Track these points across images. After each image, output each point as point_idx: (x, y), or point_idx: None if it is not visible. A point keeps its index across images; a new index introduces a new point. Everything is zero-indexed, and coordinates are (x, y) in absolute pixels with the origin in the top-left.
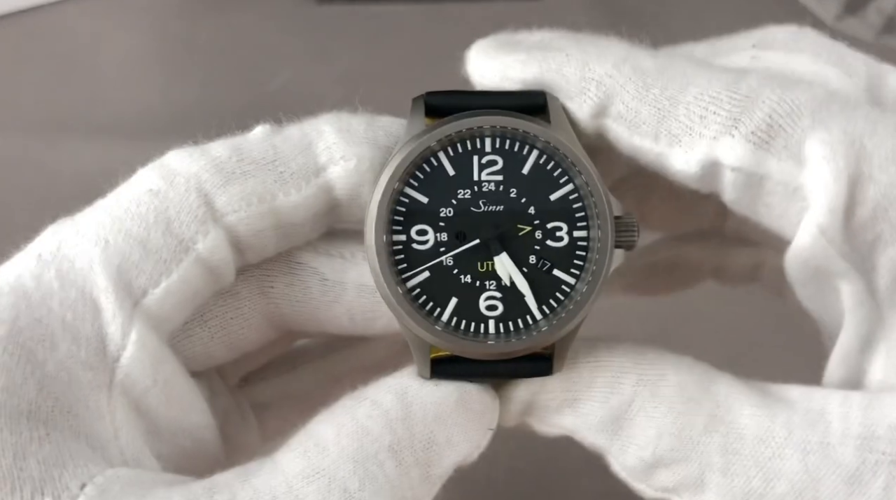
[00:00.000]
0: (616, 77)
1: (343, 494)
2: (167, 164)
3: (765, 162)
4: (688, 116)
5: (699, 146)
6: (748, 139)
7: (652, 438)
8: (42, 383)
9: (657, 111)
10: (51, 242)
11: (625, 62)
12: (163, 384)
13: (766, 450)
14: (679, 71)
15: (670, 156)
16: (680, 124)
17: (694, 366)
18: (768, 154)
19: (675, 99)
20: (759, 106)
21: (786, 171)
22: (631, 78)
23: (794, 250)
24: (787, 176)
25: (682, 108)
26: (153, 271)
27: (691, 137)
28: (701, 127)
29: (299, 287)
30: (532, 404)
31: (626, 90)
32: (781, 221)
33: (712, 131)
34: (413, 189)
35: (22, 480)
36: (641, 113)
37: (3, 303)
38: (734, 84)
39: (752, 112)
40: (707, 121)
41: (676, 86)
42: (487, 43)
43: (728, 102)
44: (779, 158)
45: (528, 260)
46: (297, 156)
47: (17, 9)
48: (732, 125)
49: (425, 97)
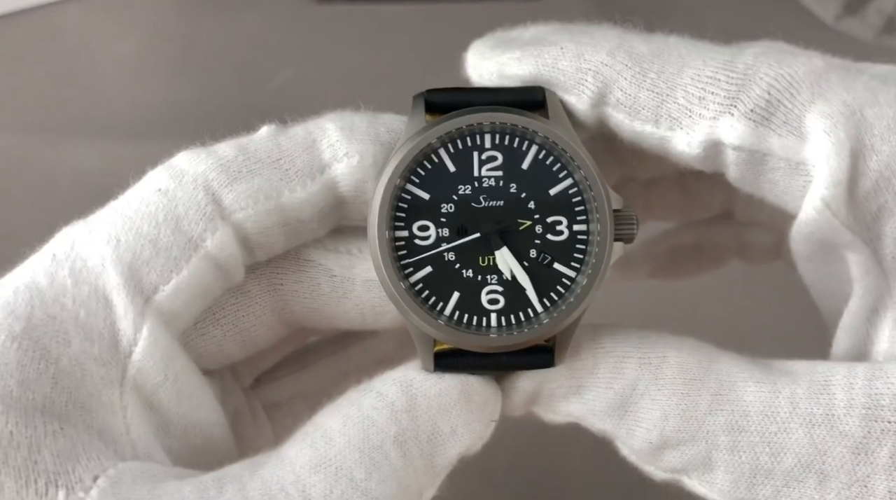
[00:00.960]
0: (612, 65)
1: (350, 483)
2: (176, 164)
3: (766, 139)
4: (686, 98)
5: (699, 128)
6: (747, 117)
7: (657, 420)
8: (56, 379)
9: (655, 95)
10: (64, 243)
11: (619, 49)
12: (173, 380)
13: (772, 425)
14: (674, 53)
15: (672, 139)
16: (679, 107)
17: (696, 347)
18: (769, 130)
19: (672, 82)
20: (757, 83)
21: (787, 146)
22: (627, 64)
23: (800, 225)
24: (789, 151)
25: (680, 90)
26: (163, 267)
27: (691, 119)
28: (700, 108)
29: (308, 284)
30: (537, 393)
31: (622, 77)
32: (786, 196)
33: (711, 112)
34: (414, 186)
35: (37, 472)
36: (640, 98)
37: (19, 301)
38: (730, 62)
39: (749, 90)
40: (706, 101)
41: (673, 68)
42: (483, 43)
43: (725, 81)
44: (779, 134)
45: (529, 254)
46: (302, 154)
47: (17, 9)
48: (731, 104)
49: (425, 95)
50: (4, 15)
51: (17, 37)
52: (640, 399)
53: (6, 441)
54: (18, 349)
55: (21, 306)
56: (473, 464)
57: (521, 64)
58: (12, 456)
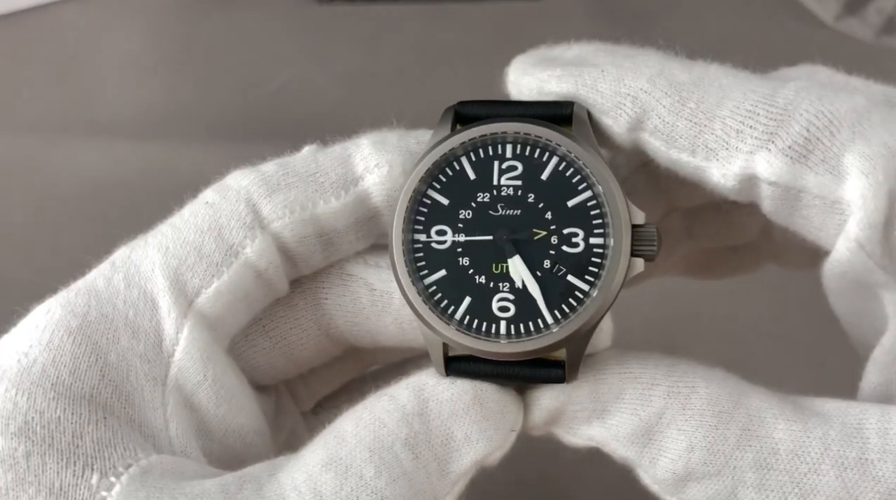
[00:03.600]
0: (651, 92)
1: (359, 481)
2: (224, 181)
3: (802, 176)
4: (724, 131)
5: (736, 161)
6: (785, 153)
7: (683, 451)
8: (104, 372)
9: (693, 125)
10: (124, 252)
11: (660, 76)
12: (212, 381)
13: (802, 465)
14: (715, 83)
15: (707, 169)
16: (716, 138)
17: (726, 379)
18: (805, 168)
19: (711, 113)
20: (797, 119)
21: (823, 184)
22: (666, 92)
23: (833, 263)
24: (825, 190)
25: (719, 122)
26: (206, 272)
27: (728, 152)
28: (737, 141)
29: (350, 298)
30: (559, 413)
31: (661, 105)
32: (820, 232)
33: (748, 146)
34: (435, 191)
35: (77, 455)
36: (678, 127)
37: (78, 301)
38: (771, 97)
39: (788, 126)
40: (743, 135)
41: (713, 99)
42: (525, 59)
43: (764, 115)
44: (816, 172)
45: (543, 264)
46: (337, 167)
47: (17, 9)
48: (769, 139)
49: (456, 106)
50: (4, 15)
51: (17, 37)
52: (667, 429)
53: (54, 425)
54: (73, 343)
55: (79, 306)
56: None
57: (561, 82)
58: (58, 439)
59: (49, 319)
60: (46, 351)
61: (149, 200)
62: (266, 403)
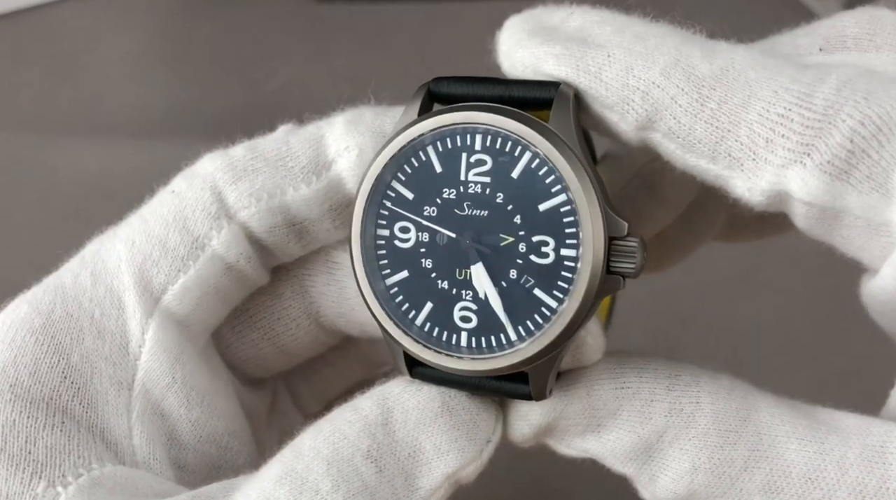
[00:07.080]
0: (665, 87)
1: (314, 495)
2: (194, 167)
3: (843, 196)
4: (750, 138)
5: (764, 174)
6: (823, 170)
7: (686, 472)
8: (66, 373)
9: (714, 130)
10: (94, 246)
11: (675, 67)
12: (181, 384)
13: (816, 491)
14: (741, 78)
15: (729, 180)
16: (741, 147)
17: (732, 390)
18: (847, 186)
19: (735, 116)
20: (838, 127)
21: (868, 205)
22: (683, 88)
23: (877, 288)
24: (871, 211)
25: (745, 127)
26: (171, 268)
27: (755, 163)
28: (766, 152)
29: (335, 286)
30: (552, 427)
31: (676, 103)
32: (861, 252)
33: (779, 159)
34: (400, 183)
35: (27, 462)
36: (696, 131)
37: (44, 298)
38: (807, 97)
39: (828, 135)
40: (773, 145)
41: (738, 99)
42: (521, 25)
43: (799, 122)
44: (860, 191)
45: (509, 274)
46: (308, 150)
47: (17, 9)
48: (804, 152)
49: (430, 84)
50: (4, 15)
51: (17, 37)
52: (668, 448)
53: (7, 429)
54: (35, 343)
55: (45, 303)
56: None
57: (560, 64)
58: (10, 443)
59: (14, 316)
60: (8, 350)
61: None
62: (259, 399)
